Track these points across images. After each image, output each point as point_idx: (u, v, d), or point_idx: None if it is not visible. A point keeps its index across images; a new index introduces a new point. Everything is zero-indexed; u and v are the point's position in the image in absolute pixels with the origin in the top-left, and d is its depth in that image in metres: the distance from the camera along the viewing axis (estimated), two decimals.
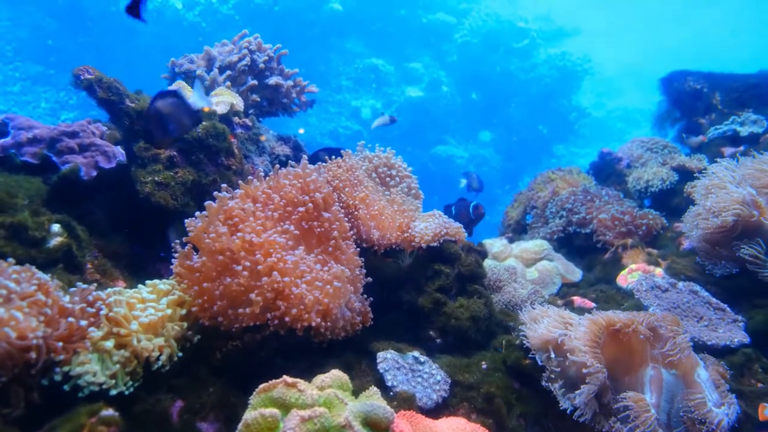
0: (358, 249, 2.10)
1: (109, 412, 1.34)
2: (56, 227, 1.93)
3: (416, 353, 1.94)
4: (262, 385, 1.40)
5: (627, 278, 2.93)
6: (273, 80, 3.17)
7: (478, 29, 15.95)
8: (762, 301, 2.46)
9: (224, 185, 1.97)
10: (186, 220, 1.89)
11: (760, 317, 2.40)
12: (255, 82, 3.11)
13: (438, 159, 15.03)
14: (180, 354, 1.65)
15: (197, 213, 1.89)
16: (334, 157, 2.44)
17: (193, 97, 2.15)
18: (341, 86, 14.81)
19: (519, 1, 19.15)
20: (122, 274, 2.15)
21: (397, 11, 15.55)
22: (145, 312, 1.64)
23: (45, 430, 1.32)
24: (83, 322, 1.47)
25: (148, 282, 1.85)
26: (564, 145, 17.17)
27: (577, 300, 2.80)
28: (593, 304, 2.72)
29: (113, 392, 1.44)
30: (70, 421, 1.31)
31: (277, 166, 2.15)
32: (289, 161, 2.33)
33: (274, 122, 3.53)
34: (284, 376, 1.41)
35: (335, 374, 1.52)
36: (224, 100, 2.78)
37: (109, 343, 1.50)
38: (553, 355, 1.85)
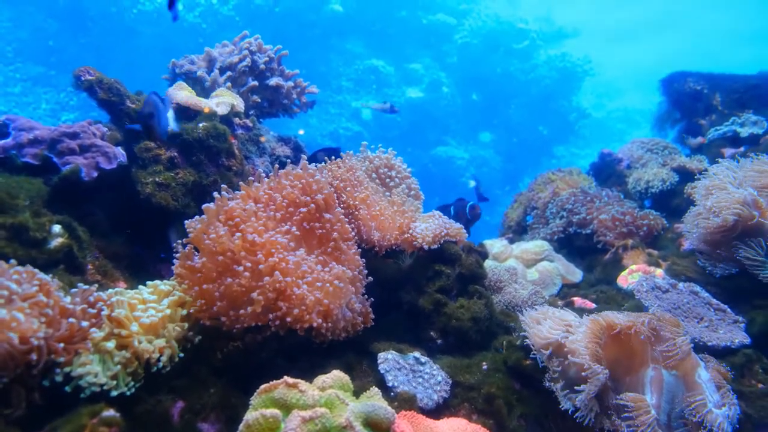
0: (360, 250, 2.10)
1: (110, 412, 1.34)
2: (57, 228, 1.93)
3: (417, 354, 1.94)
4: (263, 386, 1.41)
5: (627, 279, 2.93)
6: (273, 81, 3.18)
7: (478, 30, 15.97)
8: (762, 301, 2.46)
9: (224, 186, 1.98)
10: (186, 222, 1.89)
11: (760, 318, 2.40)
12: (255, 83, 3.11)
13: (438, 160, 15.05)
14: (181, 354, 1.65)
15: (197, 217, 1.89)
16: (333, 157, 2.45)
17: (168, 115, 2.44)
18: (341, 87, 14.83)
19: (519, 2, 19.18)
20: (123, 274, 2.15)
21: (398, 12, 15.56)
22: (146, 313, 1.65)
23: (46, 430, 1.32)
24: (84, 323, 1.47)
25: (149, 283, 1.85)
26: (564, 146, 17.18)
27: (578, 301, 2.80)
28: (594, 305, 2.72)
29: (114, 393, 1.44)
30: (71, 421, 1.31)
31: (277, 166, 2.15)
32: (289, 162, 2.33)
33: (275, 123, 3.53)
34: (285, 377, 1.41)
35: (336, 375, 1.53)
36: (225, 101, 2.78)
37: (111, 344, 1.50)
38: (553, 356, 1.85)
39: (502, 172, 15.94)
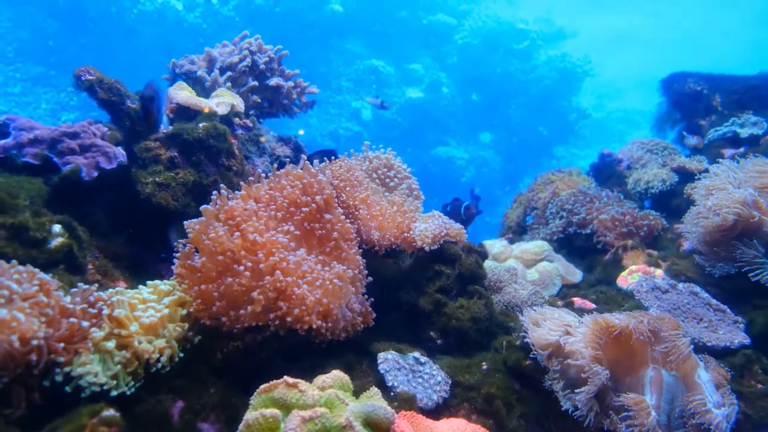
0: (360, 250, 2.10)
1: (110, 412, 1.34)
2: (57, 228, 1.93)
3: (417, 354, 1.95)
4: (263, 386, 1.41)
5: (627, 279, 2.93)
6: (274, 81, 3.18)
7: (478, 30, 15.98)
8: (762, 302, 2.46)
9: (223, 186, 1.98)
10: (185, 223, 1.89)
11: (760, 318, 2.40)
12: (256, 83, 3.11)
13: (438, 160, 15.06)
14: (181, 354, 1.65)
15: (195, 219, 1.89)
16: (333, 158, 2.45)
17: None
18: (341, 87, 14.84)
19: (519, 2, 19.17)
20: (123, 274, 2.15)
21: (398, 12, 15.57)
22: (146, 313, 1.65)
23: (46, 430, 1.32)
24: (85, 323, 1.47)
25: (149, 282, 1.85)
26: (564, 147, 17.19)
27: (578, 301, 2.80)
28: (593, 305, 2.72)
29: (114, 393, 1.44)
30: (71, 421, 1.31)
31: (275, 166, 2.15)
32: (289, 162, 2.33)
33: (275, 123, 3.53)
34: (285, 377, 1.41)
35: (336, 375, 1.53)
36: (225, 101, 2.78)
37: (111, 344, 1.50)
38: (553, 356, 1.85)
39: (502, 173, 15.95)
